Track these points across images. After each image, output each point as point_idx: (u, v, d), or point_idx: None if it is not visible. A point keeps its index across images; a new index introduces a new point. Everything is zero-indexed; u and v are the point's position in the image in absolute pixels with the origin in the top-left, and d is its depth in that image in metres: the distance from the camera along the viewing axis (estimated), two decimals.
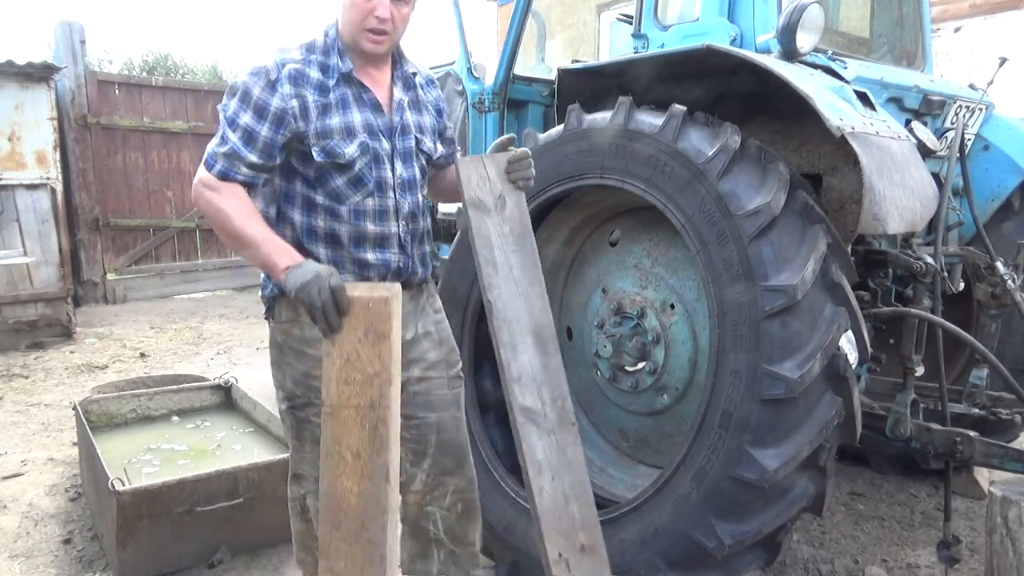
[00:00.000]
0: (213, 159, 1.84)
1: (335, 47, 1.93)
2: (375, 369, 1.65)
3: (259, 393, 4.93)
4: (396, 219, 2.00)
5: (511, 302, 1.92)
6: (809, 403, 2.12)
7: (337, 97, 1.90)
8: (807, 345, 2.08)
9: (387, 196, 1.98)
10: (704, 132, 2.30)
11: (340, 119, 1.89)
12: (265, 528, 2.96)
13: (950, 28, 7.34)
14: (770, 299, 2.09)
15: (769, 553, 2.29)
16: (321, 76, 1.89)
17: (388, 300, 1.65)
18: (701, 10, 2.98)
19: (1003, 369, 2.44)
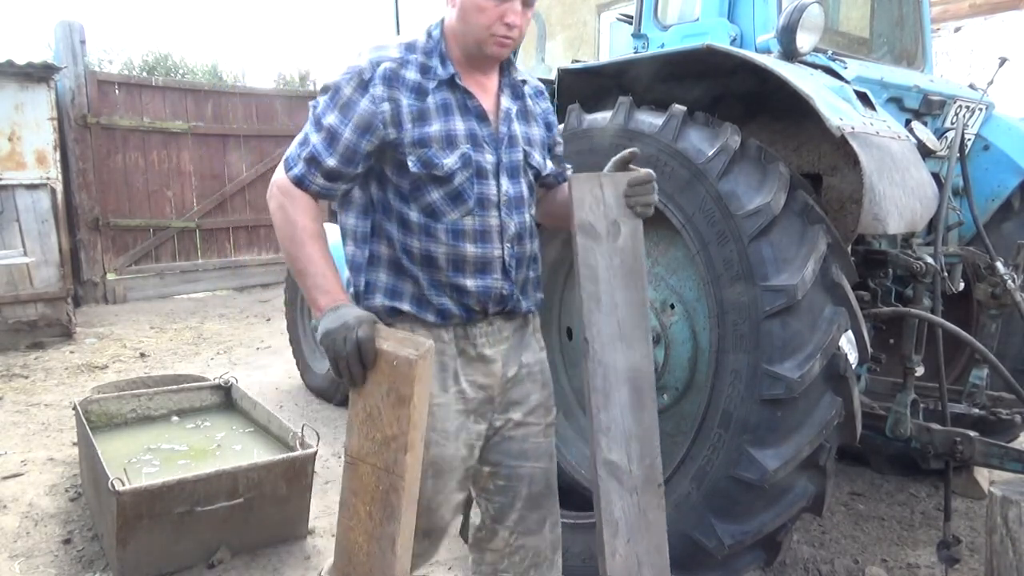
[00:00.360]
0: (293, 161, 1.73)
1: (438, 49, 1.76)
2: (393, 432, 1.54)
3: (259, 393, 4.94)
4: (500, 240, 1.77)
5: (610, 344, 1.74)
6: (809, 403, 2.12)
7: (437, 102, 1.72)
8: (807, 345, 2.09)
9: (490, 214, 1.76)
10: (704, 132, 2.31)
11: (440, 126, 1.70)
12: (265, 528, 2.96)
13: (950, 28, 7.34)
14: (770, 299, 2.09)
15: (769, 553, 2.29)
16: (420, 78, 1.71)
17: (413, 362, 1.50)
18: (701, 10, 2.98)
19: (1003, 369, 2.44)
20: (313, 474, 3.08)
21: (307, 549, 3.02)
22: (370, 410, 1.58)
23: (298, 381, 5.37)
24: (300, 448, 3.07)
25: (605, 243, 1.75)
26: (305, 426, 3.20)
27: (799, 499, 2.18)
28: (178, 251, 9.17)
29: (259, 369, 5.89)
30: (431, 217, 1.73)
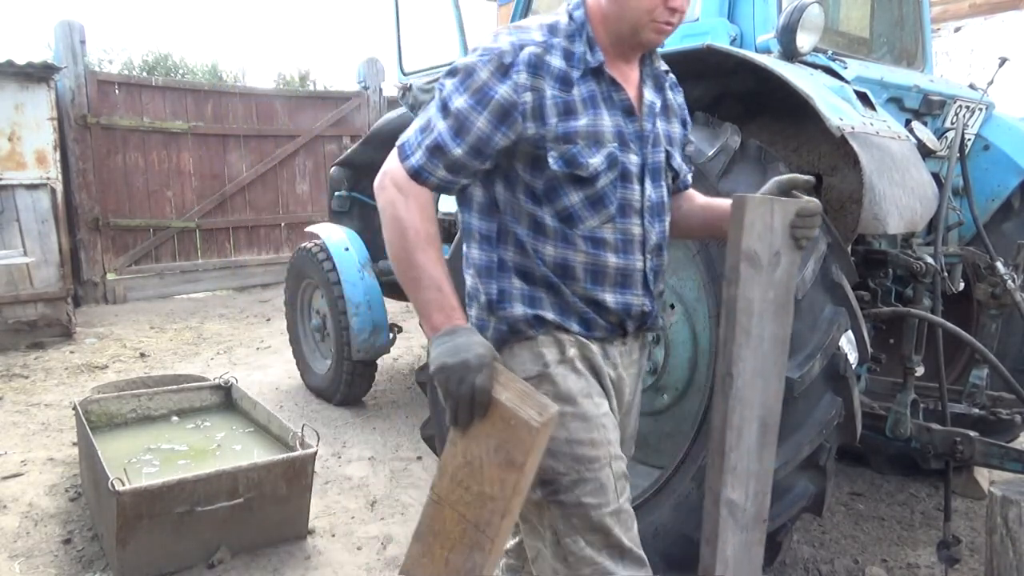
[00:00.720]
0: (411, 148, 1.50)
1: (583, 33, 1.55)
2: (493, 492, 1.39)
3: (259, 393, 4.94)
4: (642, 251, 1.61)
5: (751, 381, 1.64)
6: (809, 403, 2.12)
7: (583, 94, 1.53)
8: (807, 345, 2.09)
9: (632, 222, 1.59)
10: (704, 132, 2.30)
11: (587, 121, 1.52)
12: (265, 528, 2.96)
13: (950, 28, 7.34)
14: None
15: (769, 553, 2.29)
16: (564, 65, 1.51)
17: (535, 429, 1.34)
18: (701, 10, 2.98)
19: (1003, 369, 2.44)
20: (313, 474, 3.08)
21: (307, 549, 3.02)
22: (471, 459, 1.42)
23: (298, 381, 5.37)
24: (300, 448, 3.07)
25: (765, 274, 1.61)
26: (305, 426, 3.20)
27: (799, 499, 2.18)
28: (178, 251, 9.16)
29: (259, 369, 5.89)
30: (567, 223, 1.55)
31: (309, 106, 10.13)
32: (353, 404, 4.89)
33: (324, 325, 4.97)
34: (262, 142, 9.66)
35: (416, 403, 4.89)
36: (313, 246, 4.92)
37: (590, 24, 1.56)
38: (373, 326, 4.48)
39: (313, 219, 8.88)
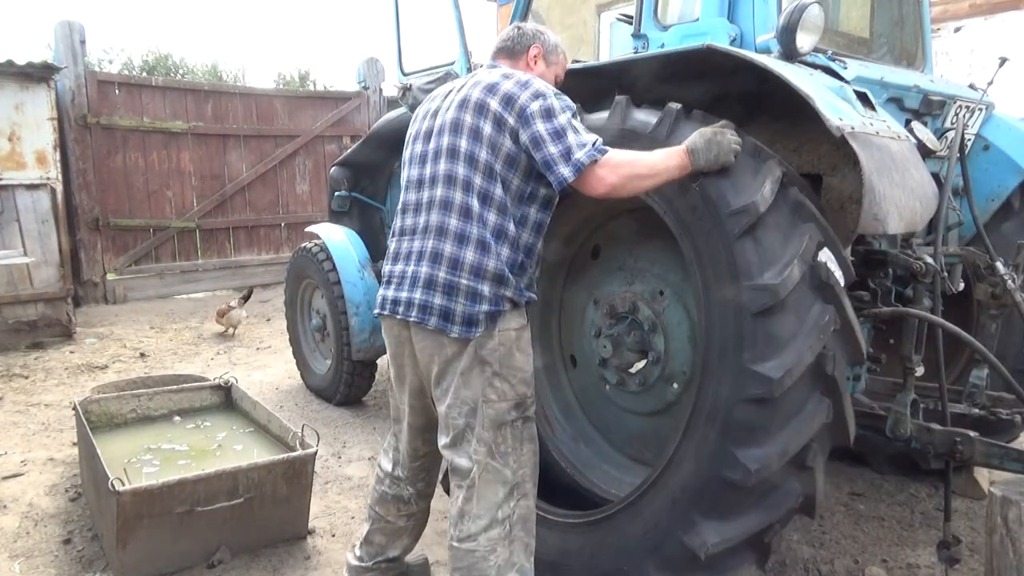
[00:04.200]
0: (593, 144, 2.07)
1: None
2: None
3: (259, 393, 4.94)
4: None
5: None
6: (792, 404, 2.09)
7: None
8: (790, 346, 2.06)
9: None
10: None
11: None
12: (265, 528, 2.96)
13: (950, 28, 7.34)
14: (755, 299, 2.08)
15: (759, 554, 2.27)
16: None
17: None
18: (701, 10, 2.97)
19: (1003, 369, 2.44)
20: (313, 474, 3.08)
21: (307, 549, 3.02)
22: None
23: (298, 381, 5.37)
24: (300, 448, 3.08)
25: None
26: (305, 426, 3.20)
27: (785, 501, 2.15)
28: (178, 251, 9.16)
29: (259, 369, 5.89)
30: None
31: (309, 106, 10.13)
32: (353, 404, 4.89)
33: (324, 325, 4.97)
34: (262, 142, 9.66)
35: None
36: (313, 246, 4.92)
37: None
38: (373, 326, 4.49)
39: (313, 219, 8.88)
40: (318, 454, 3.12)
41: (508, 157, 2.13)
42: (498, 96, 2.15)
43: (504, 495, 2.17)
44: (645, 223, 2.62)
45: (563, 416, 3.00)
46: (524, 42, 2.40)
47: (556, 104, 2.12)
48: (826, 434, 2.19)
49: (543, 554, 2.53)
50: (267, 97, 9.87)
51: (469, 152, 2.14)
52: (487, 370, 2.12)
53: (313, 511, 3.18)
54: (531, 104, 2.10)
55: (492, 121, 2.13)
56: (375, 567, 2.56)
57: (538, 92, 2.13)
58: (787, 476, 2.14)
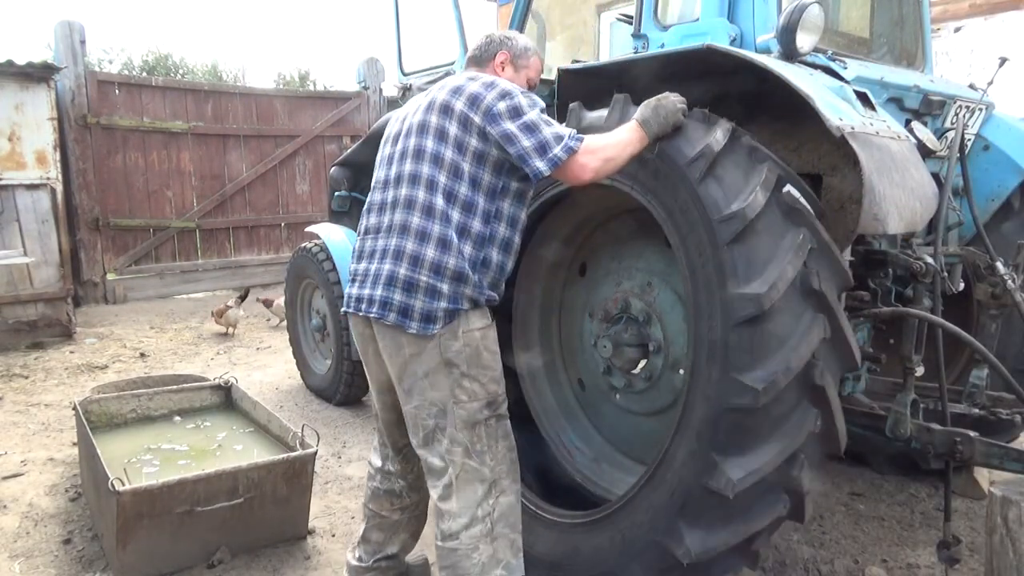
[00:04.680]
0: (569, 136, 2.12)
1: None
2: None
3: (259, 393, 4.94)
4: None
5: None
6: (777, 414, 2.06)
7: None
8: (774, 355, 2.03)
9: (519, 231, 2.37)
10: (695, 129, 2.28)
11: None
12: (265, 528, 2.96)
13: (950, 28, 7.34)
14: (741, 307, 2.05)
15: (747, 559, 2.26)
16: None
17: None
18: (701, 10, 2.98)
19: (1003, 369, 2.44)
20: (313, 474, 3.08)
21: (307, 549, 3.02)
22: None
23: (298, 381, 5.37)
24: (300, 448, 3.08)
25: None
26: (305, 426, 3.20)
27: (770, 510, 2.13)
28: (178, 251, 9.16)
29: (259, 369, 5.89)
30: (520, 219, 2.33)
31: (309, 106, 10.13)
32: (353, 404, 4.89)
33: (324, 325, 4.97)
34: (262, 142, 9.66)
35: None
36: (313, 246, 4.92)
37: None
38: None
39: (313, 219, 8.88)
40: (318, 454, 3.12)
41: (476, 154, 2.16)
42: (463, 97, 2.18)
43: (483, 493, 2.19)
44: (644, 222, 2.60)
45: (581, 441, 2.98)
46: (491, 50, 2.44)
47: (523, 101, 2.15)
48: (815, 443, 2.15)
49: (544, 554, 2.54)
50: (267, 97, 9.87)
51: (434, 152, 2.17)
52: (455, 371, 2.15)
53: (313, 511, 3.18)
54: (497, 103, 2.14)
55: (457, 121, 2.16)
56: (375, 566, 2.56)
57: (504, 91, 2.16)
58: (773, 486, 2.12)
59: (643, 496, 2.28)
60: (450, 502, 2.20)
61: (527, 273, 3.01)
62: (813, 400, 2.12)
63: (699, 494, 2.12)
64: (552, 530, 2.57)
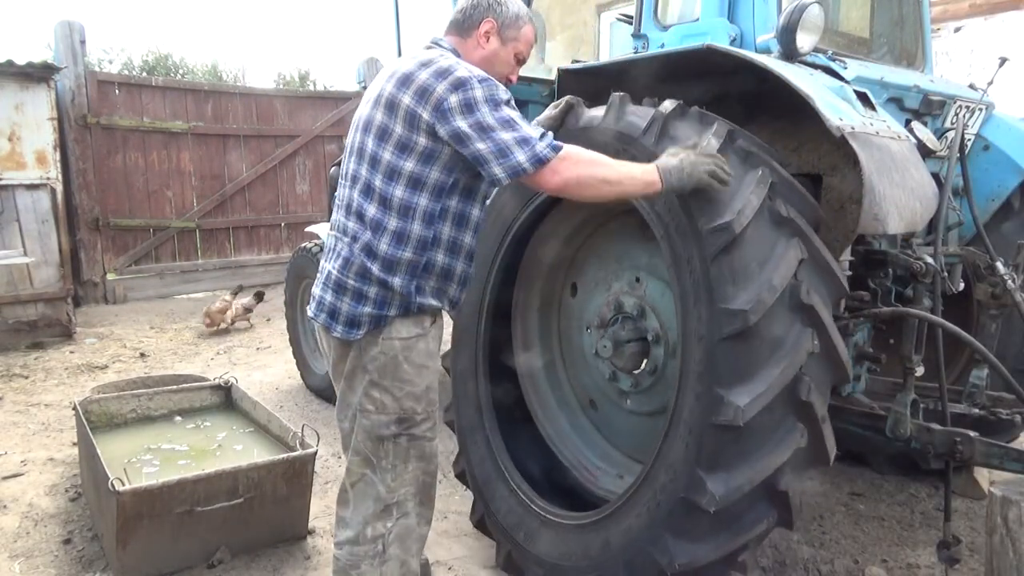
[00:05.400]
0: (540, 142, 1.90)
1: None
2: None
3: (259, 393, 4.94)
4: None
5: None
6: (761, 431, 2.04)
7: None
8: (759, 372, 2.01)
9: (470, 233, 2.19)
10: (687, 128, 2.26)
11: None
12: (265, 528, 2.96)
13: (950, 28, 7.35)
14: (728, 321, 2.03)
15: (736, 570, 2.24)
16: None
17: None
18: (701, 10, 2.98)
19: (1003, 369, 2.44)
20: (313, 474, 3.08)
21: (307, 549, 3.02)
22: None
23: (298, 381, 5.37)
24: (300, 448, 3.08)
25: None
26: (305, 426, 3.20)
27: (756, 523, 2.12)
28: (178, 251, 9.16)
29: (259, 369, 5.89)
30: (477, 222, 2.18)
31: (309, 106, 10.14)
32: None
33: None
34: (262, 142, 9.66)
35: None
36: (313, 246, 4.92)
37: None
38: None
39: (313, 219, 8.89)
40: (318, 454, 3.12)
41: (424, 153, 1.96)
42: (411, 89, 1.94)
43: (376, 512, 2.08)
44: (643, 222, 2.60)
45: (602, 461, 2.97)
46: (476, 16, 2.12)
47: (479, 94, 1.89)
48: (802, 457, 2.13)
49: (545, 554, 2.54)
50: (267, 97, 9.87)
51: (373, 154, 2.01)
52: (366, 378, 2.04)
53: (313, 511, 3.18)
54: (449, 97, 1.89)
55: (403, 119, 1.95)
56: None
57: (458, 82, 1.90)
58: (757, 500, 2.11)
59: (633, 501, 2.28)
60: (345, 509, 2.13)
61: (527, 273, 3.01)
62: (799, 416, 2.09)
63: (682, 507, 2.11)
64: (554, 530, 2.57)
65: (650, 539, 2.18)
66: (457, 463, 3.02)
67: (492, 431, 2.87)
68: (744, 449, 2.05)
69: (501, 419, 2.92)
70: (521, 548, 2.63)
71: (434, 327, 2.12)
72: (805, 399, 2.06)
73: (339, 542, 2.13)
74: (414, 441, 2.08)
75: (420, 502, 2.15)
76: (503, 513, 2.73)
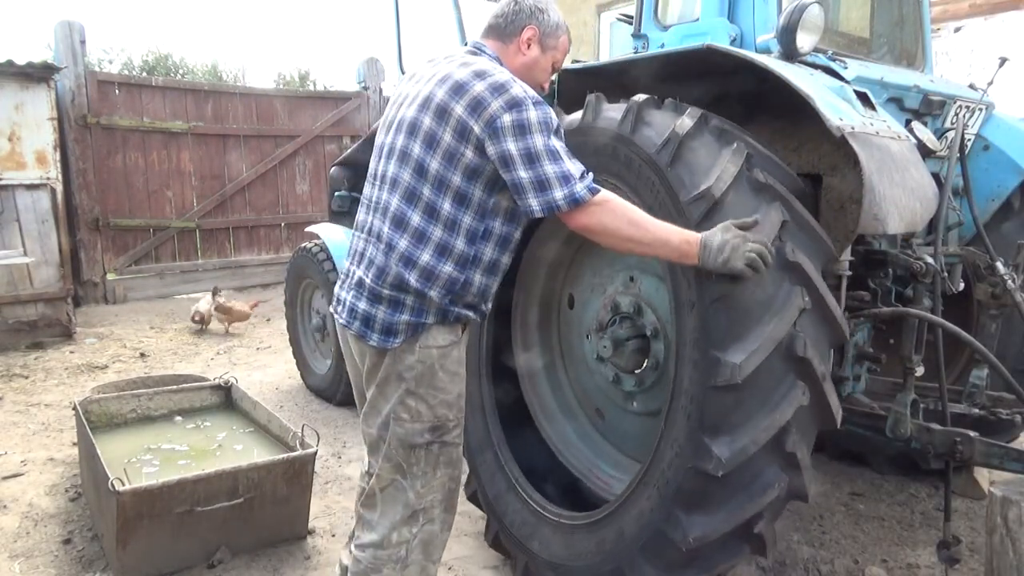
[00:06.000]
0: (580, 180, 1.86)
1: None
2: None
3: (259, 393, 4.94)
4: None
5: None
6: (761, 389, 2.04)
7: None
8: (753, 330, 2.02)
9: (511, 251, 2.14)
10: (663, 120, 2.28)
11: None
12: (265, 528, 2.96)
13: (950, 28, 7.35)
14: (716, 284, 2.04)
15: (752, 544, 2.23)
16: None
17: None
18: (701, 10, 2.98)
19: (1003, 369, 2.44)
20: (313, 474, 3.08)
21: (307, 549, 3.02)
22: None
23: (298, 381, 5.37)
24: (300, 448, 3.08)
25: None
26: (305, 426, 3.20)
27: (768, 488, 2.10)
28: (178, 251, 9.16)
29: (259, 369, 5.89)
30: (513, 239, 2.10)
31: (309, 106, 10.13)
32: (353, 404, 4.87)
33: (324, 325, 4.97)
34: (262, 142, 9.66)
35: None
36: (313, 246, 4.92)
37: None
38: None
39: (313, 219, 8.88)
40: (318, 454, 3.12)
41: (469, 168, 1.91)
42: (465, 100, 1.89)
43: (404, 517, 2.06)
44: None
45: (614, 469, 2.96)
46: (519, 22, 2.10)
47: (533, 117, 1.86)
48: (806, 417, 2.13)
49: (549, 555, 2.54)
50: (267, 97, 9.87)
51: (420, 160, 1.94)
52: (401, 386, 1.99)
53: (313, 511, 3.18)
54: (503, 115, 1.85)
55: (453, 129, 1.90)
56: None
57: (513, 100, 1.86)
58: (766, 463, 2.10)
59: (643, 487, 2.28)
60: (372, 512, 2.11)
61: (527, 273, 3.01)
62: (799, 373, 2.09)
63: (690, 478, 2.10)
64: (558, 531, 2.57)
65: (662, 518, 2.17)
66: (468, 485, 3.02)
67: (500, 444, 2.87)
68: (746, 409, 2.04)
69: (505, 423, 2.93)
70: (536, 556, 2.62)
71: (465, 334, 2.11)
72: (802, 355, 2.05)
73: (362, 544, 2.10)
74: (444, 448, 2.06)
75: (445, 508, 2.12)
76: (517, 526, 2.72)
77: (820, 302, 2.11)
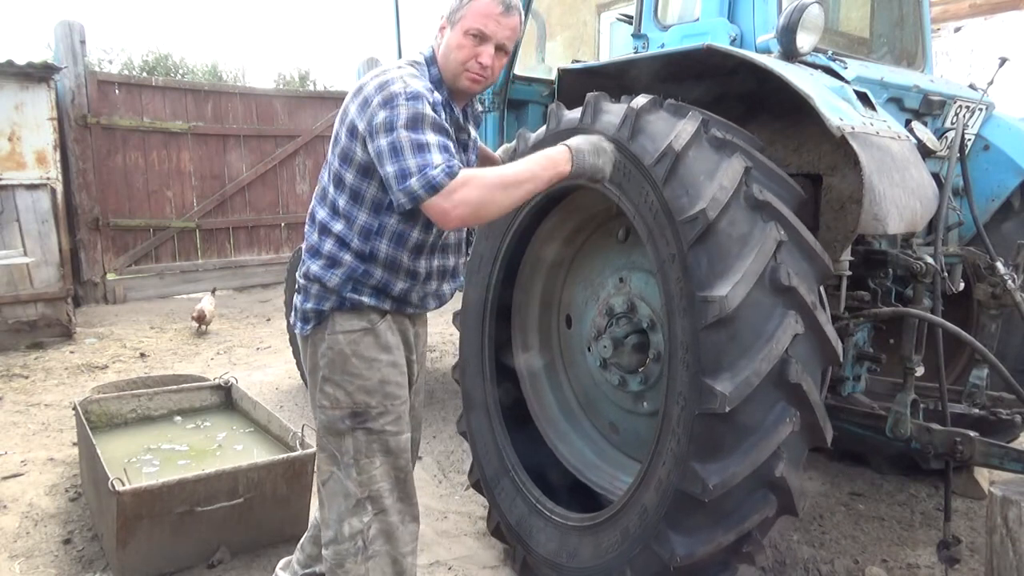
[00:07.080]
0: (438, 167, 1.76)
1: (440, 81, 2.02)
2: None
3: (259, 393, 4.94)
4: (457, 253, 2.22)
5: None
6: (750, 417, 2.02)
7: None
8: (743, 356, 1.99)
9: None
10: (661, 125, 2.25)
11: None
12: (265, 528, 2.96)
13: (950, 28, 7.35)
14: (708, 310, 2.02)
15: (744, 561, 2.23)
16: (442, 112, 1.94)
17: None
18: (701, 10, 2.98)
19: (1003, 369, 2.44)
20: (313, 474, 3.08)
21: None
22: None
23: (298, 381, 5.37)
24: (300, 448, 3.08)
25: None
26: (305, 426, 3.20)
27: (755, 511, 2.10)
28: (178, 251, 9.17)
29: (259, 369, 5.89)
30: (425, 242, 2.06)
31: (309, 106, 10.14)
32: None
33: None
34: (262, 142, 9.66)
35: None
36: None
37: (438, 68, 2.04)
38: None
39: None
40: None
41: (360, 166, 1.93)
42: (358, 100, 1.93)
43: (349, 507, 2.05)
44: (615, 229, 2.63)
45: (564, 417, 2.98)
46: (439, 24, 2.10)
47: (403, 112, 1.81)
48: (798, 440, 2.12)
49: (547, 553, 2.54)
50: (267, 97, 9.87)
51: (330, 161, 2.03)
52: (319, 374, 2.05)
53: (313, 511, 3.18)
54: (379, 112, 1.84)
55: (347, 128, 1.95)
56: None
57: (388, 96, 1.85)
58: (755, 488, 2.09)
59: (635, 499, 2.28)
60: (323, 509, 2.14)
61: (527, 273, 3.01)
62: (790, 399, 2.06)
63: (678, 499, 2.09)
64: (558, 531, 2.57)
65: (652, 534, 2.17)
66: (472, 473, 3.02)
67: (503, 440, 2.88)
68: (733, 438, 2.02)
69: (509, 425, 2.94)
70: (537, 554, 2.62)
71: (384, 322, 2.07)
72: (794, 381, 2.02)
73: (324, 543, 2.12)
74: (373, 435, 2.04)
75: (399, 498, 2.11)
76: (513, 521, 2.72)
77: (814, 325, 2.08)
